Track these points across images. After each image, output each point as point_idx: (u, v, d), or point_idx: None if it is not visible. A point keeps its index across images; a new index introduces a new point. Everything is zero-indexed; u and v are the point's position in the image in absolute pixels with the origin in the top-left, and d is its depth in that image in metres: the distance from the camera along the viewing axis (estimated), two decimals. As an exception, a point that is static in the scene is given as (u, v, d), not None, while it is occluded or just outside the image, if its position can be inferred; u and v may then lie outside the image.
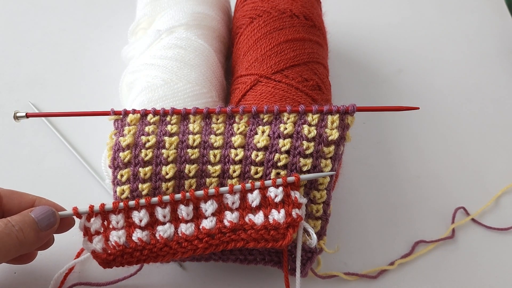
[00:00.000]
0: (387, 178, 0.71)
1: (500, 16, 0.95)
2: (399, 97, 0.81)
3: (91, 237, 0.51)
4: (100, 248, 0.51)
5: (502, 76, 0.85)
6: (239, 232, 0.51)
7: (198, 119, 0.55)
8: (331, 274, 0.60)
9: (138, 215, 0.51)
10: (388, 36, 0.90)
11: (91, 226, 0.51)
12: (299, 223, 0.51)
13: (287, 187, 0.51)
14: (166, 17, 0.69)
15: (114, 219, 0.51)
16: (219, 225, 0.51)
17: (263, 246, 0.51)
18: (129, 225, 0.51)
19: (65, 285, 0.58)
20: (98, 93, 0.78)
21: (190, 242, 0.51)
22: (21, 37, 0.86)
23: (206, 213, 0.52)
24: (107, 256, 0.51)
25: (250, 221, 0.51)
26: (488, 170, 0.72)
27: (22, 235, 0.47)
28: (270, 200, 0.51)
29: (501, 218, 0.67)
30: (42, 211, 0.49)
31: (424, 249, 0.63)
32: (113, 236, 0.51)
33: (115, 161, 0.53)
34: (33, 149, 0.72)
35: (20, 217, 0.48)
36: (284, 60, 0.62)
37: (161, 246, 0.51)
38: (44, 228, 0.49)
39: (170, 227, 0.51)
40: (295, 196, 0.51)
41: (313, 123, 0.53)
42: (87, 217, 0.51)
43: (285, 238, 0.51)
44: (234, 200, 0.52)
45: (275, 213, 0.51)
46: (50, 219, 0.49)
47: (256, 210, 0.52)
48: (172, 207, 0.52)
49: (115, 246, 0.51)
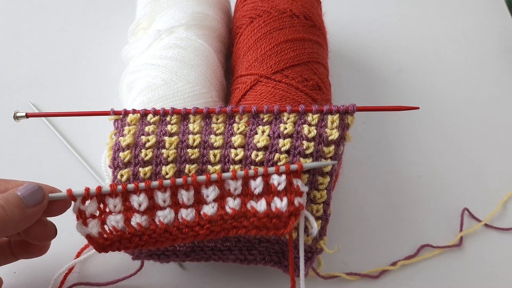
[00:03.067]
0: (387, 178, 0.71)
1: (500, 16, 0.95)
2: (399, 97, 0.81)
3: (86, 221, 0.49)
4: (96, 232, 0.49)
5: (502, 76, 0.85)
6: (241, 219, 0.50)
7: (198, 119, 0.55)
8: (333, 275, 0.60)
9: (138, 199, 0.50)
10: (388, 36, 0.90)
11: (86, 209, 0.49)
12: (301, 212, 0.50)
13: (289, 175, 0.51)
14: (166, 17, 0.69)
15: (111, 202, 0.49)
16: (220, 211, 0.50)
17: (264, 234, 0.50)
18: (127, 209, 0.50)
19: (65, 285, 0.58)
20: (98, 93, 0.78)
21: (191, 228, 0.50)
22: (21, 37, 0.86)
23: (207, 199, 0.51)
24: (104, 241, 0.49)
25: (252, 209, 0.50)
26: (488, 169, 0.72)
27: (3, 213, 0.45)
28: (273, 188, 0.50)
29: (509, 222, 0.67)
30: (28, 187, 0.47)
31: (429, 253, 0.63)
32: (111, 220, 0.49)
33: (115, 161, 0.53)
34: (33, 149, 0.72)
35: (4, 194, 0.46)
36: (284, 60, 0.62)
37: (161, 231, 0.49)
38: (31, 204, 0.47)
39: (170, 212, 0.50)
40: (297, 184, 0.50)
41: (313, 123, 0.53)
42: (82, 199, 0.49)
43: (286, 227, 0.50)
44: (236, 187, 0.51)
45: (277, 201, 0.50)
46: (36, 195, 0.47)
47: (258, 197, 0.51)
48: (172, 191, 0.50)
49: (112, 231, 0.49)
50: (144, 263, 0.60)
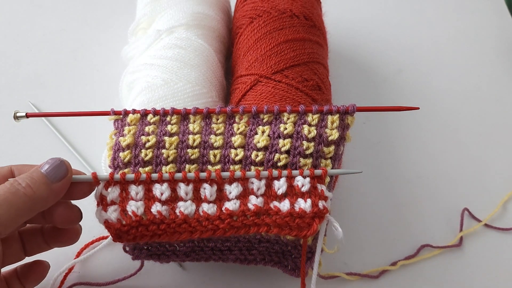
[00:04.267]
0: (387, 178, 0.71)
1: (500, 16, 0.95)
2: (399, 97, 0.81)
3: (106, 207, 0.49)
4: (114, 218, 0.49)
5: (502, 76, 0.85)
6: (264, 217, 0.50)
7: (198, 119, 0.55)
8: (333, 275, 0.60)
9: (160, 188, 0.50)
10: (388, 36, 0.90)
11: (108, 194, 0.49)
12: (325, 215, 0.50)
13: (314, 179, 0.50)
14: (166, 17, 0.69)
15: (133, 189, 0.50)
16: (242, 207, 0.50)
17: (286, 234, 0.50)
18: (148, 198, 0.50)
19: (65, 285, 0.58)
20: (98, 93, 0.78)
21: (211, 222, 0.49)
22: (21, 37, 0.86)
23: (230, 196, 0.50)
24: (121, 226, 0.49)
25: (275, 207, 0.50)
26: (488, 169, 0.72)
27: (31, 191, 0.45)
28: (297, 189, 0.50)
29: (509, 222, 0.67)
30: (50, 163, 0.48)
31: (429, 253, 0.63)
32: (131, 205, 0.49)
33: (115, 161, 0.52)
34: (33, 149, 0.72)
35: (28, 174, 0.47)
36: (284, 60, 0.62)
37: (180, 222, 0.49)
38: (55, 179, 0.47)
39: (191, 205, 0.50)
40: (321, 189, 0.50)
41: (313, 123, 0.53)
42: (106, 184, 0.50)
43: (310, 228, 0.49)
44: (259, 186, 0.51)
45: (301, 201, 0.50)
46: (60, 170, 0.48)
47: (281, 198, 0.50)
48: (195, 186, 0.50)
49: (131, 216, 0.49)
50: (144, 263, 0.60)
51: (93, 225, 0.52)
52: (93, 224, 0.52)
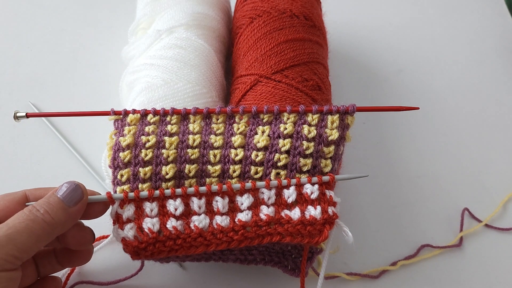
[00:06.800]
0: (387, 178, 0.71)
1: (500, 16, 0.95)
2: (399, 97, 0.81)
3: (122, 225, 0.50)
4: (131, 235, 0.49)
5: (502, 76, 0.85)
6: (276, 226, 0.50)
7: (198, 119, 0.55)
8: (333, 275, 0.60)
9: (174, 203, 0.50)
10: (388, 36, 0.90)
11: (123, 213, 0.50)
12: (335, 221, 0.51)
13: (322, 186, 0.51)
14: (166, 17, 0.69)
15: (148, 206, 0.50)
16: (255, 218, 0.50)
17: (299, 241, 0.50)
18: (163, 214, 0.50)
19: (67, 285, 0.58)
20: (98, 93, 0.78)
21: (225, 234, 0.50)
22: (21, 37, 0.86)
23: (241, 207, 0.51)
24: (138, 244, 0.49)
25: (286, 216, 0.50)
26: (488, 169, 0.72)
27: (49, 217, 0.46)
28: (306, 197, 0.51)
29: (509, 222, 0.67)
30: (66, 187, 0.48)
31: (429, 253, 0.63)
32: (147, 223, 0.49)
33: (115, 161, 0.52)
34: (33, 149, 0.72)
35: (45, 199, 0.47)
36: (284, 60, 0.62)
37: (196, 236, 0.49)
38: (72, 203, 0.48)
39: (205, 218, 0.50)
40: (330, 195, 0.51)
41: (313, 123, 0.53)
42: (121, 203, 0.50)
43: (321, 235, 0.50)
44: (270, 196, 0.51)
45: (311, 209, 0.50)
46: (76, 194, 0.48)
47: (291, 206, 0.51)
48: (207, 199, 0.51)
49: (148, 233, 0.49)
50: (145, 263, 0.60)
51: (93, 225, 0.52)
52: (93, 224, 0.52)
